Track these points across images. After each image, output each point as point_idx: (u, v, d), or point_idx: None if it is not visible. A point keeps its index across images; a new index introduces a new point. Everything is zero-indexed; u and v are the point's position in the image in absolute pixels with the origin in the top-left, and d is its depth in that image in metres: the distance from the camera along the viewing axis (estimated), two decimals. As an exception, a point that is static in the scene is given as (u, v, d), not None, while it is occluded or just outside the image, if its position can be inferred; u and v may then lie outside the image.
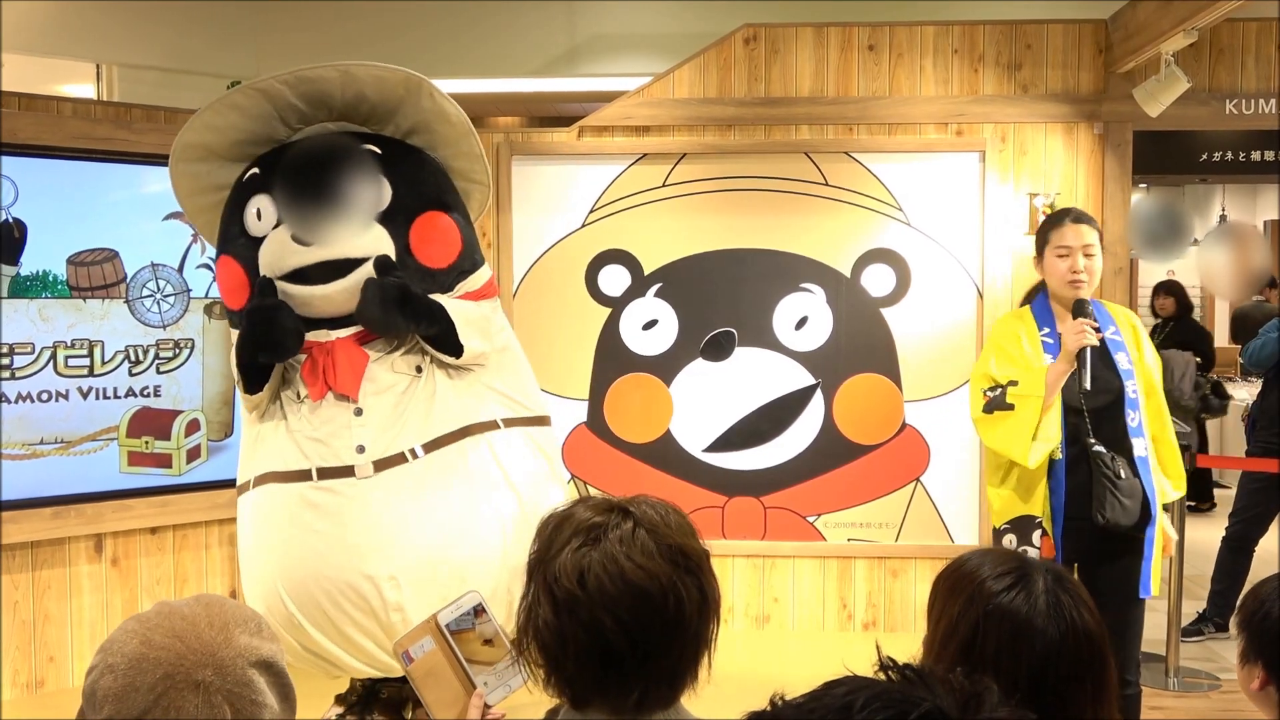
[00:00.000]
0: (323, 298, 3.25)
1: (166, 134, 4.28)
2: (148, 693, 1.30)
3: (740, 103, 4.78)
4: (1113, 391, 3.16)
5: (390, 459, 3.22)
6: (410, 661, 1.73)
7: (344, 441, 3.22)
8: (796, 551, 4.82)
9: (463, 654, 1.74)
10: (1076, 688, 1.51)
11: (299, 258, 3.23)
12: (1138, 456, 3.15)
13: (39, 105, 4.15)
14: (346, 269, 3.24)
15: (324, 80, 3.36)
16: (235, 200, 3.38)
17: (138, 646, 1.33)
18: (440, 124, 3.53)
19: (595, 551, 1.47)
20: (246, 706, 1.32)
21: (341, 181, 3.29)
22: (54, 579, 4.18)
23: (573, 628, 1.45)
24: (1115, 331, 3.22)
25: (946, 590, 1.61)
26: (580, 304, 4.83)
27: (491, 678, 1.74)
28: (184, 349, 4.34)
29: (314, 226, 3.23)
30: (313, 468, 3.21)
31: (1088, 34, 4.71)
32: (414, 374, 3.33)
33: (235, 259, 3.32)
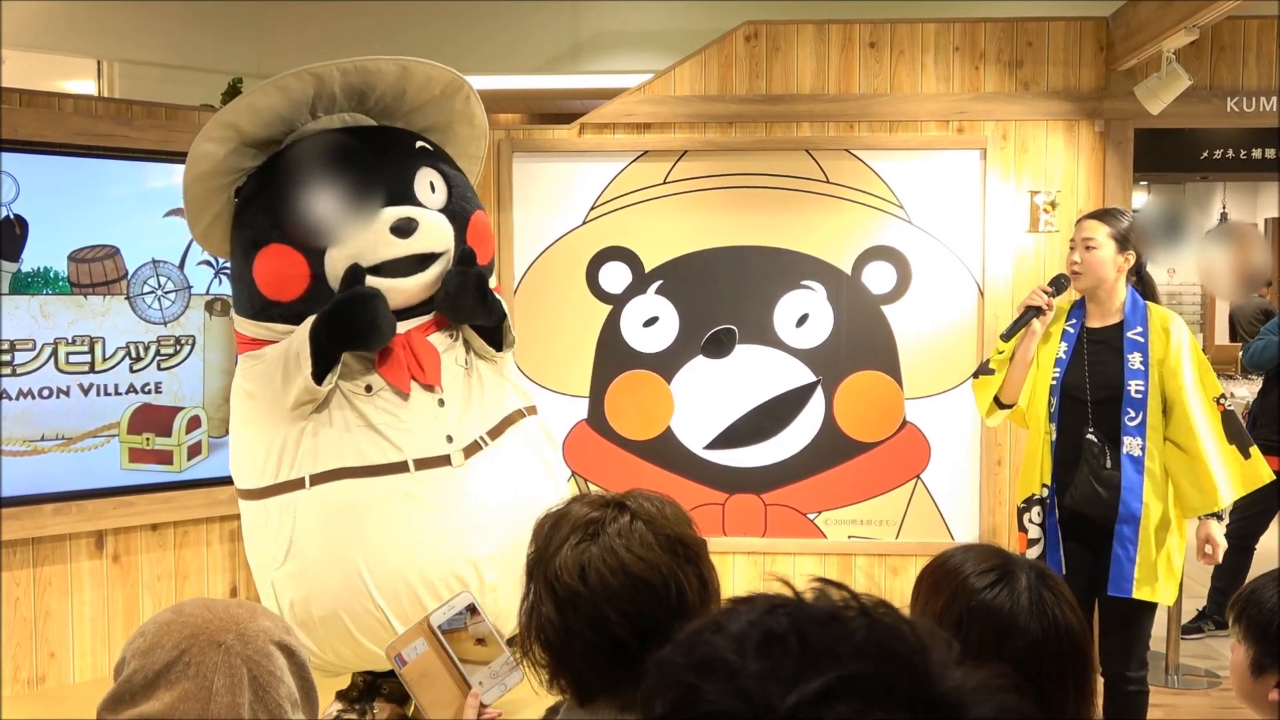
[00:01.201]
0: (403, 290, 3.29)
1: (168, 130, 4.29)
2: (172, 649, 1.37)
3: (741, 100, 4.78)
4: (1112, 387, 3.24)
5: (471, 446, 3.33)
6: (404, 664, 1.72)
7: (434, 431, 3.28)
8: (797, 549, 4.82)
9: (456, 654, 1.73)
10: (1059, 686, 1.51)
11: (393, 249, 3.24)
12: (1126, 453, 3.22)
13: (40, 101, 4.15)
14: (429, 262, 3.31)
15: (379, 73, 3.37)
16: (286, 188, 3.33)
17: (170, 616, 1.41)
18: (463, 125, 3.57)
19: (594, 546, 1.48)
20: (264, 676, 1.38)
21: (415, 178, 3.33)
22: (55, 575, 4.18)
23: (578, 623, 1.46)
24: (1140, 333, 3.26)
25: (929, 587, 1.60)
26: (581, 301, 4.83)
27: (486, 677, 1.74)
28: (185, 345, 4.34)
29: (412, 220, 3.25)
30: (409, 459, 3.25)
31: (1089, 31, 4.71)
32: (465, 367, 3.41)
33: (301, 252, 3.26)
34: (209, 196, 3.41)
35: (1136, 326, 3.27)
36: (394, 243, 3.24)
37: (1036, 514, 3.37)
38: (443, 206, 3.39)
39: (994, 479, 4.72)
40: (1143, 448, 3.22)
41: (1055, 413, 3.31)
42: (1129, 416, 3.22)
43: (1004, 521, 4.73)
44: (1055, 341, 3.37)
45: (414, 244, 3.26)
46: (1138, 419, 3.21)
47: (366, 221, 3.24)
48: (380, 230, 3.24)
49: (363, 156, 3.35)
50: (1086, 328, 3.36)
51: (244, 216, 3.39)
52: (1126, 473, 3.21)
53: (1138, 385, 3.22)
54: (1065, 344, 3.32)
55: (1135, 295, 3.34)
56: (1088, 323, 3.36)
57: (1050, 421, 3.32)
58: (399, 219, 3.24)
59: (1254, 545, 4.98)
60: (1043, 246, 4.71)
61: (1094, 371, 3.29)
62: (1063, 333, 3.37)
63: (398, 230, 3.23)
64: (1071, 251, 3.39)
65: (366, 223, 3.24)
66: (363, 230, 3.24)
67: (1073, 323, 3.37)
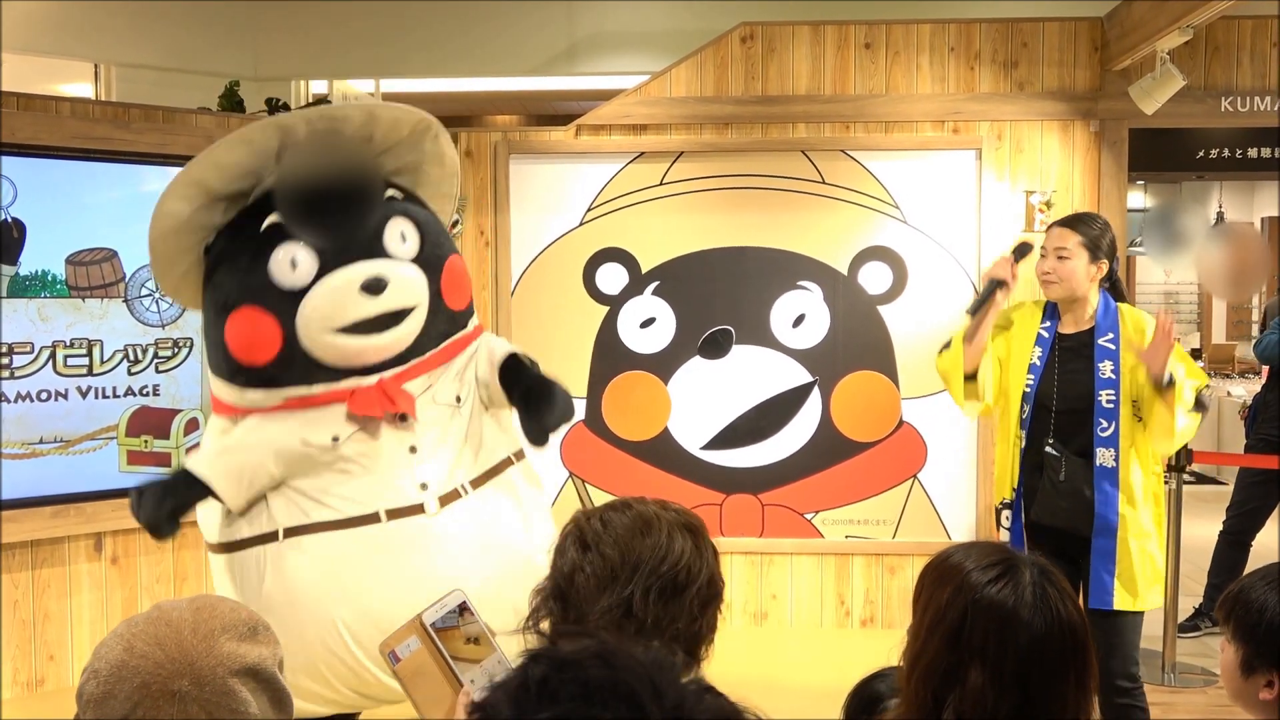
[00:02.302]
0: (376, 348, 3.22)
1: (165, 134, 4.30)
2: (125, 700, 1.33)
3: (737, 101, 4.79)
4: (1082, 397, 3.17)
5: (449, 494, 3.25)
6: (397, 661, 1.73)
7: (406, 480, 3.21)
8: (794, 549, 4.83)
9: (448, 652, 1.74)
10: (1061, 680, 1.53)
11: (366, 309, 3.16)
12: (1098, 464, 3.14)
13: (37, 105, 4.16)
14: (402, 317, 3.23)
15: (345, 120, 3.31)
16: (254, 249, 3.22)
17: (120, 653, 1.35)
18: (433, 165, 3.50)
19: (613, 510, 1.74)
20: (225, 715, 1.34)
21: (384, 230, 3.26)
22: (53, 578, 4.19)
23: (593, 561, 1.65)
24: (1112, 339, 3.17)
25: (934, 580, 1.62)
26: (578, 302, 4.84)
27: (479, 675, 1.74)
28: (183, 348, 4.35)
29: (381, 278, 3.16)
30: (380, 510, 3.19)
31: (1084, 32, 4.72)
32: (454, 404, 3.34)
33: (269, 311, 3.17)
34: (177, 254, 3.33)
35: (1108, 333, 3.19)
36: (364, 302, 3.15)
37: (1005, 518, 3.32)
38: (415, 256, 3.33)
39: (990, 478, 4.71)
40: (1116, 458, 3.14)
41: (1026, 420, 3.23)
42: (1101, 428, 3.15)
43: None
44: (1029, 344, 3.27)
45: (385, 302, 3.19)
46: (1110, 429, 3.14)
47: (336, 281, 3.16)
48: (350, 290, 3.16)
49: (330, 210, 3.28)
50: (1058, 334, 3.26)
51: (214, 277, 3.31)
52: (1100, 485, 3.14)
53: (1109, 395, 3.14)
54: (1040, 349, 3.24)
55: (1107, 299, 3.25)
56: (1060, 328, 3.26)
57: (1021, 428, 3.24)
58: (368, 278, 3.16)
59: (1250, 541, 4.99)
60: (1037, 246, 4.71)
61: (1064, 381, 3.20)
62: (1037, 336, 3.26)
63: (368, 288, 3.17)
64: (1043, 259, 3.29)
65: (336, 282, 3.16)
66: (332, 290, 3.15)
67: (1047, 325, 3.27)
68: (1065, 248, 3.23)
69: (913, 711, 1.58)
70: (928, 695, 1.55)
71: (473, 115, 8.84)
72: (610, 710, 0.80)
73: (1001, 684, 1.51)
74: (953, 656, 1.54)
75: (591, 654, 0.85)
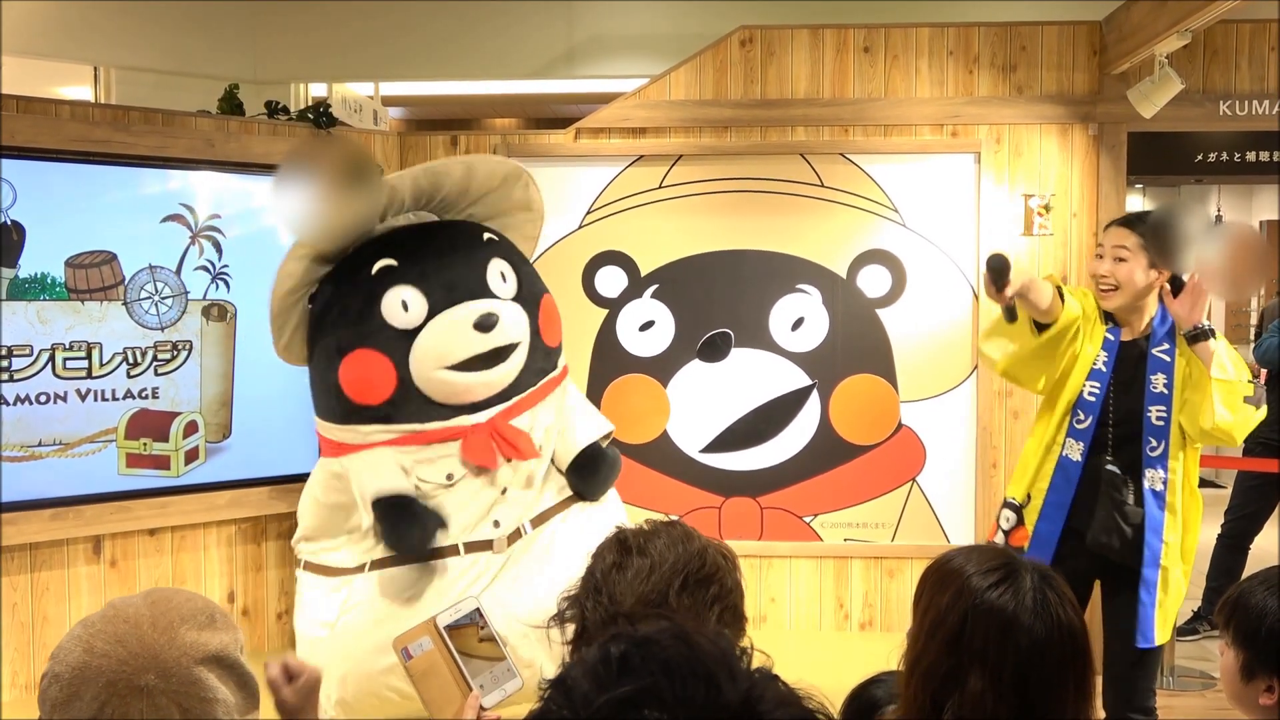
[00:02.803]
0: (485, 384, 3.37)
1: (164, 136, 4.30)
2: (91, 701, 1.31)
3: (736, 104, 4.79)
4: (1134, 412, 2.95)
5: (513, 534, 3.47)
6: (409, 658, 1.76)
7: (487, 518, 3.43)
8: (793, 552, 4.83)
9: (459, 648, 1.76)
10: (1060, 685, 1.53)
11: (478, 345, 3.33)
12: (1148, 488, 2.93)
13: (37, 108, 4.16)
14: (509, 352, 3.41)
15: (447, 174, 3.44)
16: (365, 294, 3.38)
17: (81, 655, 1.34)
18: (521, 211, 3.68)
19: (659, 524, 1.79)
20: (195, 705, 1.33)
21: (486, 271, 3.44)
22: (52, 581, 4.19)
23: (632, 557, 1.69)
24: (1167, 350, 2.95)
25: (934, 583, 1.63)
26: (577, 305, 4.84)
27: (488, 680, 1.76)
28: (182, 351, 4.35)
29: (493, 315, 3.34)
30: (460, 543, 3.39)
31: (1082, 35, 4.73)
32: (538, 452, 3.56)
33: (383, 352, 3.35)
34: (290, 312, 3.54)
35: (1164, 343, 2.96)
36: (476, 339, 3.33)
37: (1006, 519, 3.12)
38: (515, 295, 3.45)
39: (989, 481, 4.73)
40: (1164, 481, 2.92)
41: (1088, 430, 2.97)
42: (1150, 446, 2.93)
43: (999, 524, 4.74)
44: (1097, 345, 3.00)
45: (495, 338, 3.35)
46: (1159, 449, 2.92)
47: (447, 320, 3.33)
48: (463, 328, 3.33)
49: (436, 254, 3.41)
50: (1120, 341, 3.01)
51: (324, 323, 3.49)
52: (1150, 509, 2.91)
53: (1159, 411, 2.91)
54: (1106, 353, 2.98)
55: (1164, 310, 2.99)
56: (1120, 335, 3.01)
57: (1072, 437, 2.99)
58: (480, 315, 3.33)
59: (1249, 545, 5.00)
60: (1037, 250, 4.73)
61: (1118, 394, 2.98)
62: (1104, 340, 3.00)
63: (480, 326, 3.32)
64: (1099, 262, 3.01)
65: (448, 321, 3.33)
66: (445, 329, 3.34)
67: (1112, 329, 3.01)
68: (1125, 246, 2.97)
69: (912, 714, 1.58)
70: (927, 699, 1.56)
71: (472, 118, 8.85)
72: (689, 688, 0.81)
73: (1001, 688, 1.51)
74: (952, 660, 1.54)
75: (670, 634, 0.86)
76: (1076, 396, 3.00)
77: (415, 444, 3.39)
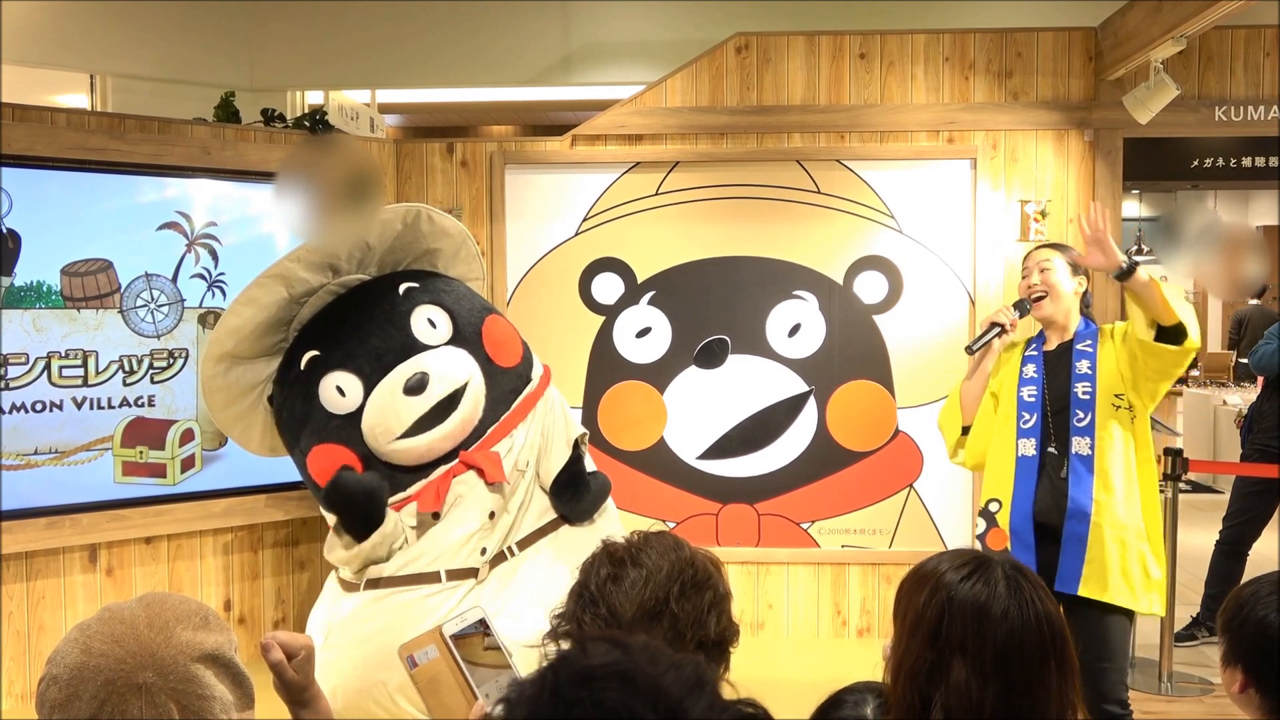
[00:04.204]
0: (444, 437, 3.36)
1: (160, 144, 4.30)
2: (90, 700, 1.32)
3: (732, 111, 4.80)
4: (1063, 397, 3.28)
5: (497, 557, 3.43)
6: (414, 666, 1.76)
7: (473, 544, 3.40)
8: (791, 558, 4.82)
9: (465, 656, 1.77)
10: (1041, 666, 1.57)
11: (414, 410, 3.32)
12: (1074, 453, 3.23)
13: (33, 116, 4.16)
14: (456, 400, 3.37)
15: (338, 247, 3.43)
16: (302, 391, 3.41)
17: (78, 656, 1.35)
18: (441, 240, 3.65)
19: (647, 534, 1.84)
20: (193, 701, 1.34)
21: (409, 325, 3.39)
22: (48, 589, 4.18)
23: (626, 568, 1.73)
24: (1089, 344, 3.31)
25: (911, 586, 1.68)
26: (574, 312, 4.84)
27: (493, 689, 1.76)
28: (178, 359, 4.34)
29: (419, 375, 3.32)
30: (441, 570, 3.36)
31: (1078, 41, 4.74)
32: (524, 469, 3.52)
33: (337, 442, 3.38)
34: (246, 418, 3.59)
35: (1086, 340, 3.33)
36: (413, 404, 3.32)
37: (978, 525, 3.39)
38: (451, 336, 3.44)
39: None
40: (1091, 446, 3.21)
41: (1034, 427, 3.29)
42: (1077, 418, 3.24)
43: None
44: (1015, 366, 3.39)
45: (432, 395, 3.34)
46: (1086, 419, 3.23)
47: (381, 393, 3.33)
48: (395, 397, 3.31)
49: (354, 329, 3.41)
50: (1045, 351, 3.38)
51: (282, 427, 3.54)
52: (1076, 471, 3.21)
53: (1085, 387, 3.25)
54: (1033, 365, 3.35)
55: (1087, 320, 3.39)
56: (1045, 346, 3.39)
57: (1022, 437, 3.30)
58: (407, 380, 3.31)
59: (1247, 551, 4.99)
60: (1033, 255, 4.73)
61: (1052, 386, 3.31)
62: (1024, 357, 3.39)
63: (410, 391, 3.30)
64: (1026, 276, 3.39)
65: (381, 394, 3.33)
66: (380, 404, 3.33)
67: (1034, 346, 3.40)
68: (1048, 261, 3.36)
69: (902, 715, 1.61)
70: (914, 696, 1.60)
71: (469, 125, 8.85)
72: None
73: (984, 675, 1.55)
74: (934, 654, 1.59)
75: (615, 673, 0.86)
76: (1016, 406, 3.34)
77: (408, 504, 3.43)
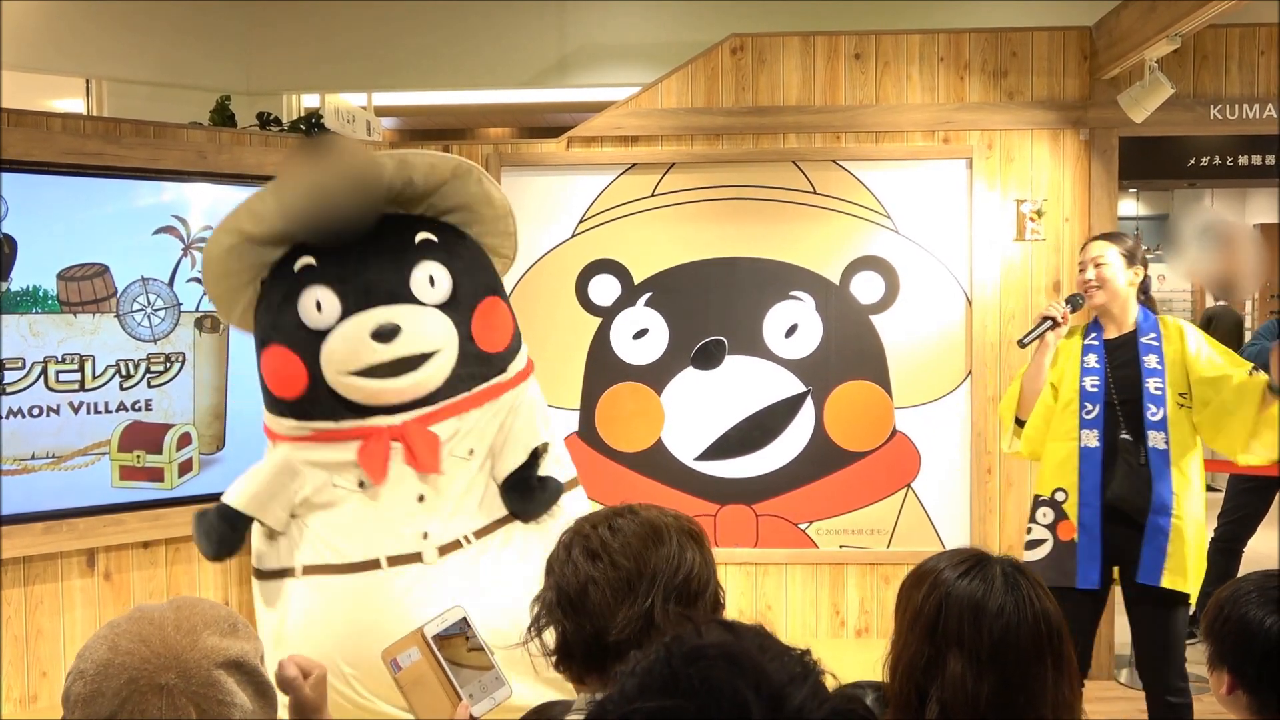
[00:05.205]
0: (397, 391, 3.31)
1: (156, 149, 4.30)
2: (113, 697, 1.34)
3: (728, 112, 4.80)
4: (1133, 388, 3.40)
5: (450, 544, 3.34)
6: (398, 669, 1.77)
7: (410, 528, 3.31)
8: (789, 559, 4.82)
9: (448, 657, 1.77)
10: (1037, 662, 1.59)
11: (378, 355, 3.26)
12: (1151, 447, 3.35)
13: (28, 121, 4.16)
14: (421, 361, 3.31)
15: (380, 165, 3.40)
16: (285, 289, 3.35)
17: (105, 653, 1.37)
18: (483, 206, 3.59)
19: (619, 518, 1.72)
20: (213, 706, 1.36)
21: (410, 275, 3.35)
22: (46, 594, 4.18)
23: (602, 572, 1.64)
24: (1154, 338, 3.42)
25: (910, 585, 1.71)
26: (570, 314, 4.84)
27: (477, 689, 1.77)
28: (175, 363, 4.35)
29: (392, 325, 3.26)
30: (382, 557, 3.29)
31: (1072, 41, 4.74)
32: (467, 457, 3.41)
33: (294, 351, 3.32)
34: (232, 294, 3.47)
35: (1150, 333, 3.43)
36: (375, 349, 3.25)
37: (1043, 515, 3.48)
38: (446, 299, 3.41)
39: (984, 487, 4.73)
40: (1166, 440, 3.34)
41: (1097, 418, 3.41)
42: (1150, 412, 3.35)
43: (994, 530, 4.74)
44: (1075, 357, 3.49)
45: (399, 348, 3.27)
46: (1159, 414, 3.34)
47: (349, 327, 3.27)
48: (361, 334, 3.26)
49: (359, 255, 3.38)
50: (1105, 340, 3.49)
51: (256, 312, 3.46)
52: (1156, 465, 3.33)
53: (1156, 383, 3.37)
54: (1094, 355, 3.46)
55: (1144, 310, 3.50)
56: (1105, 335, 3.50)
57: (1086, 428, 3.42)
58: (378, 326, 3.26)
59: (1242, 549, 5.00)
60: (1029, 255, 4.74)
61: (1116, 376, 3.42)
62: (1084, 346, 3.49)
63: (378, 336, 3.26)
64: (1083, 271, 3.51)
65: (350, 327, 3.27)
66: (346, 336, 3.27)
67: (1093, 336, 3.51)
68: (1102, 256, 3.48)
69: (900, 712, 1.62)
70: (912, 691, 1.63)
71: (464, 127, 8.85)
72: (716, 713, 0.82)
73: (979, 668, 1.58)
74: (931, 649, 1.62)
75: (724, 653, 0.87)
76: (1077, 395, 3.45)
77: (328, 441, 3.34)
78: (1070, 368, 3.50)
